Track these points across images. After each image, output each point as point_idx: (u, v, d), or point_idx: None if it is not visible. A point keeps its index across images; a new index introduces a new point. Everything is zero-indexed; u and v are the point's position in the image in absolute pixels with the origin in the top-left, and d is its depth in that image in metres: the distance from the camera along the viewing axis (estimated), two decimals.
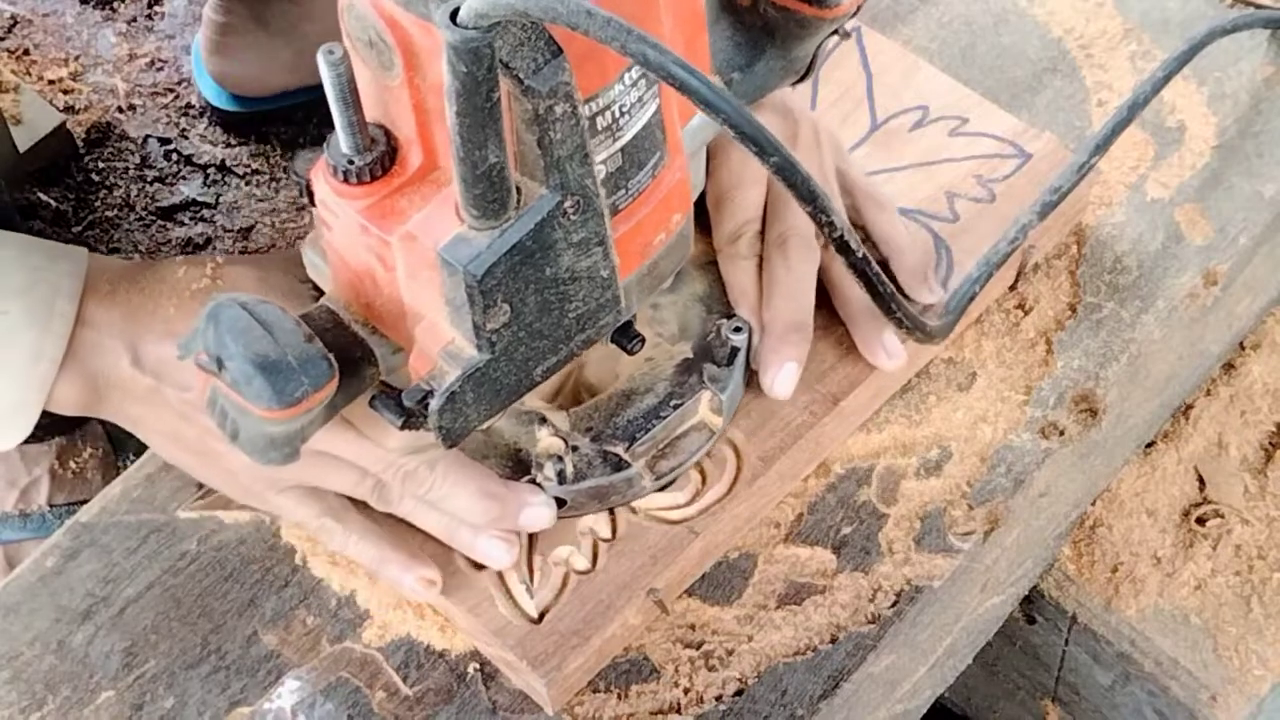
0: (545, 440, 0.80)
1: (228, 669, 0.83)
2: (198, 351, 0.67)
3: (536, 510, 0.79)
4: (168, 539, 0.88)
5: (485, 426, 0.70)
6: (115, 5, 1.76)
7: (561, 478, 0.79)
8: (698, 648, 0.82)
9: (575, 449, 0.80)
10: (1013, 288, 0.95)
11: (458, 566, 0.82)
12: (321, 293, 0.75)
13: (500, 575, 0.81)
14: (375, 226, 0.66)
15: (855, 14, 0.80)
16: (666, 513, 0.83)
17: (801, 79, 0.83)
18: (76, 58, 1.71)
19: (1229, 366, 1.05)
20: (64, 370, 0.80)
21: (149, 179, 1.62)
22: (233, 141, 1.63)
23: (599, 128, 0.64)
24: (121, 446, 1.29)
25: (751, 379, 0.85)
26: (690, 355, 0.83)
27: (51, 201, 1.59)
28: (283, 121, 1.62)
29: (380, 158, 0.66)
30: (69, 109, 1.67)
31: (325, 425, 0.72)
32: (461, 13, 0.55)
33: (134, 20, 1.75)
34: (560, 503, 0.80)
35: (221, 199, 1.60)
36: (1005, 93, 1.04)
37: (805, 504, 0.87)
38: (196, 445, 0.81)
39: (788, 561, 0.85)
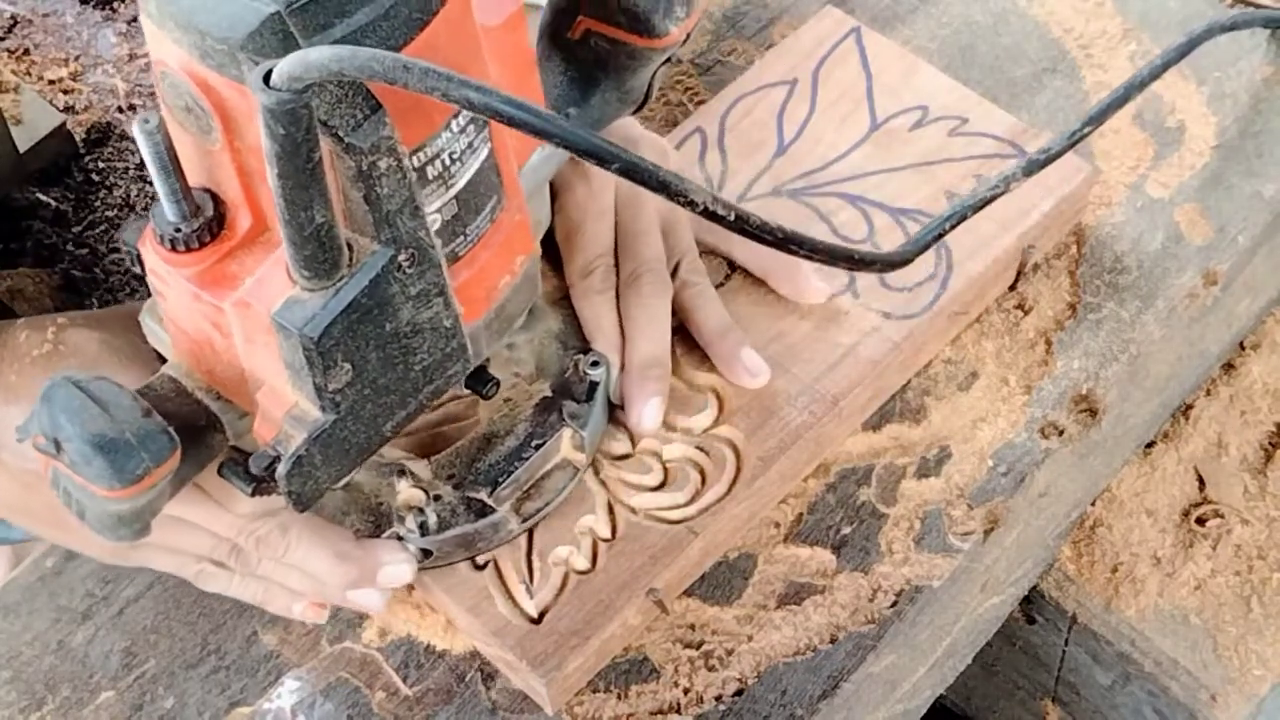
0: (405, 492, 0.79)
1: (228, 669, 0.83)
2: (34, 434, 0.65)
3: (395, 569, 0.78)
4: None
5: (340, 485, 0.70)
6: (115, 5, 1.76)
7: (424, 529, 0.78)
8: (698, 648, 0.82)
9: (438, 498, 0.79)
10: (1013, 288, 0.95)
11: (456, 566, 0.82)
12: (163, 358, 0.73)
13: (500, 575, 0.82)
14: (207, 294, 0.65)
15: (685, 43, 0.79)
16: (666, 513, 0.83)
17: (639, 108, 0.83)
18: (76, 58, 1.71)
19: (1229, 366, 1.05)
20: None
21: (149, 179, 1.62)
22: None
23: (430, 177, 0.63)
24: None
25: (614, 412, 0.85)
26: (549, 393, 0.82)
27: (51, 201, 1.59)
28: None
29: (208, 223, 0.64)
30: (69, 109, 1.67)
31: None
32: (274, 75, 0.53)
33: (134, 20, 1.75)
34: (426, 553, 0.79)
35: None
36: (1005, 93, 1.04)
37: (805, 504, 0.87)
38: (48, 516, 0.79)
39: (788, 561, 0.85)
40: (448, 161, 0.64)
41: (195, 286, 0.65)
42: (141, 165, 1.61)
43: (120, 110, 1.66)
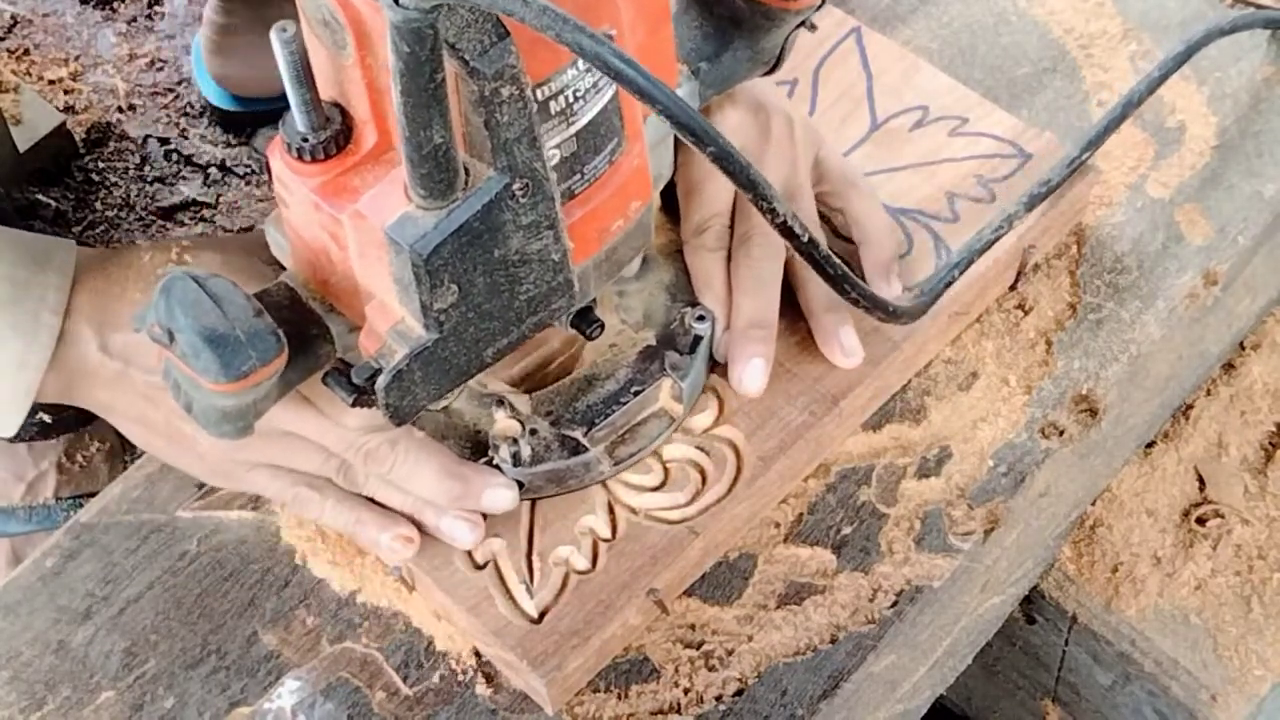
0: (502, 422, 0.81)
1: (228, 669, 0.83)
2: (151, 324, 0.67)
3: (499, 492, 0.79)
4: (168, 539, 0.88)
5: (441, 406, 0.71)
6: (115, 5, 1.76)
7: (517, 460, 0.79)
8: (698, 648, 0.82)
9: (534, 432, 0.80)
10: (1013, 288, 0.95)
11: (456, 566, 0.82)
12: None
13: (500, 575, 0.82)
14: (327, 204, 0.67)
15: (821, 7, 0.80)
16: (666, 513, 0.83)
17: (771, 70, 0.83)
18: (76, 58, 1.71)
19: (1229, 366, 1.05)
20: None
21: (149, 179, 1.62)
22: (233, 141, 1.63)
23: (552, 112, 0.64)
24: (129, 441, 1.29)
25: (715, 369, 0.86)
26: (653, 343, 0.84)
27: (51, 201, 1.59)
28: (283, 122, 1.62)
29: (335, 136, 0.66)
30: (69, 109, 1.67)
31: (286, 403, 0.73)
32: None
33: (134, 20, 1.75)
34: (520, 485, 0.80)
35: (221, 199, 1.60)
36: (1005, 93, 1.04)
37: (805, 504, 0.87)
38: (165, 429, 0.82)
39: (788, 561, 0.85)
40: (571, 98, 0.65)
41: (317, 196, 0.67)
42: (141, 165, 1.62)
43: (120, 110, 1.66)
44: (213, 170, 1.62)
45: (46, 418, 1.21)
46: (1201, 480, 1.01)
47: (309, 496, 0.82)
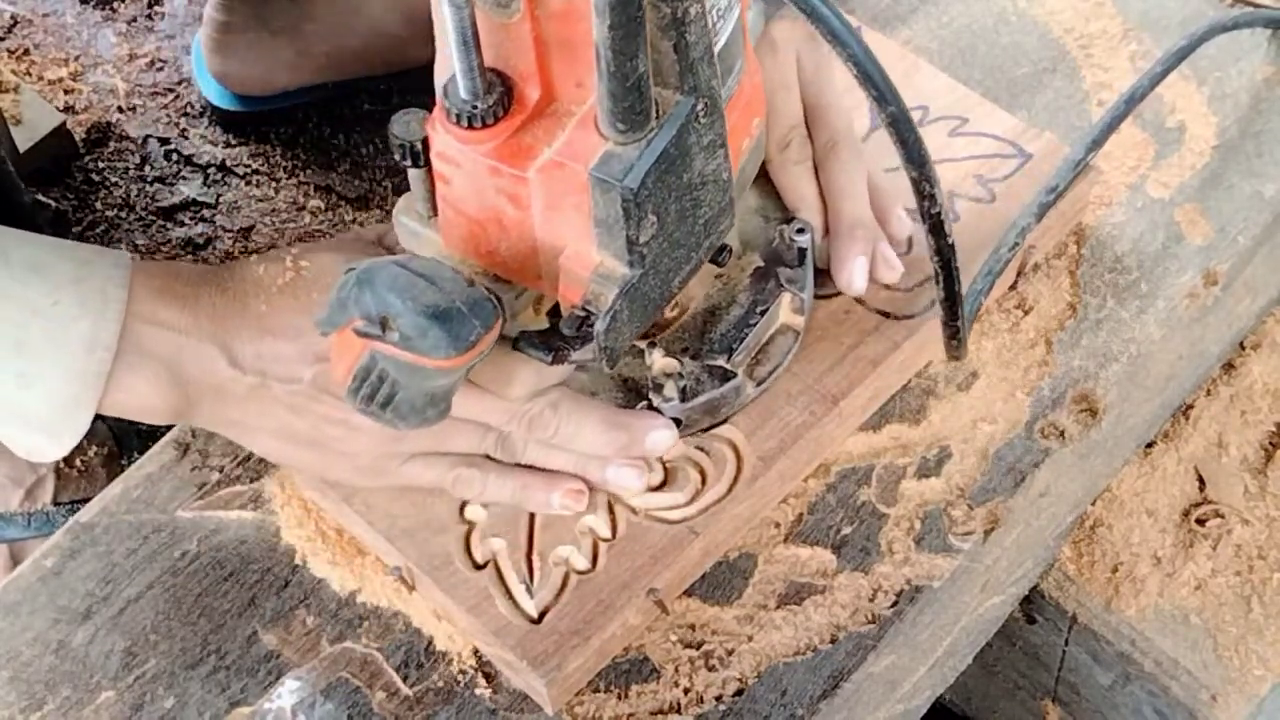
0: (660, 362, 0.82)
1: (228, 669, 0.83)
2: (351, 319, 0.67)
3: (660, 433, 0.81)
4: (168, 539, 0.88)
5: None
6: (115, 5, 1.76)
7: (684, 394, 0.81)
8: (698, 648, 0.82)
9: (683, 369, 0.82)
10: (1013, 288, 0.95)
11: (456, 566, 0.82)
12: None
13: (500, 575, 0.82)
14: (508, 166, 0.67)
15: None
16: (666, 513, 0.83)
17: None
18: (76, 58, 1.71)
19: (1229, 366, 1.05)
20: (148, 376, 0.78)
21: (149, 179, 1.62)
22: (233, 141, 1.63)
23: None
24: (126, 444, 1.29)
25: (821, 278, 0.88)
26: (761, 264, 0.86)
27: (51, 202, 1.59)
28: (283, 121, 1.62)
29: (500, 99, 0.67)
30: (69, 109, 1.66)
31: None
32: None
33: (134, 20, 1.75)
34: (676, 423, 0.82)
35: (221, 199, 1.60)
36: (1005, 93, 1.04)
37: (805, 504, 0.87)
38: (310, 435, 0.81)
39: (788, 561, 0.85)
40: (715, 18, 0.67)
41: (494, 160, 0.67)
42: (141, 165, 1.61)
43: (120, 110, 1.66)
44: (212, 170, 1.62)
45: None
46: (1201, 480, 1.01)
47: (470, 475, 0.82)
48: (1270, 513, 0.99)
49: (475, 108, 0.66)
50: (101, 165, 1.63)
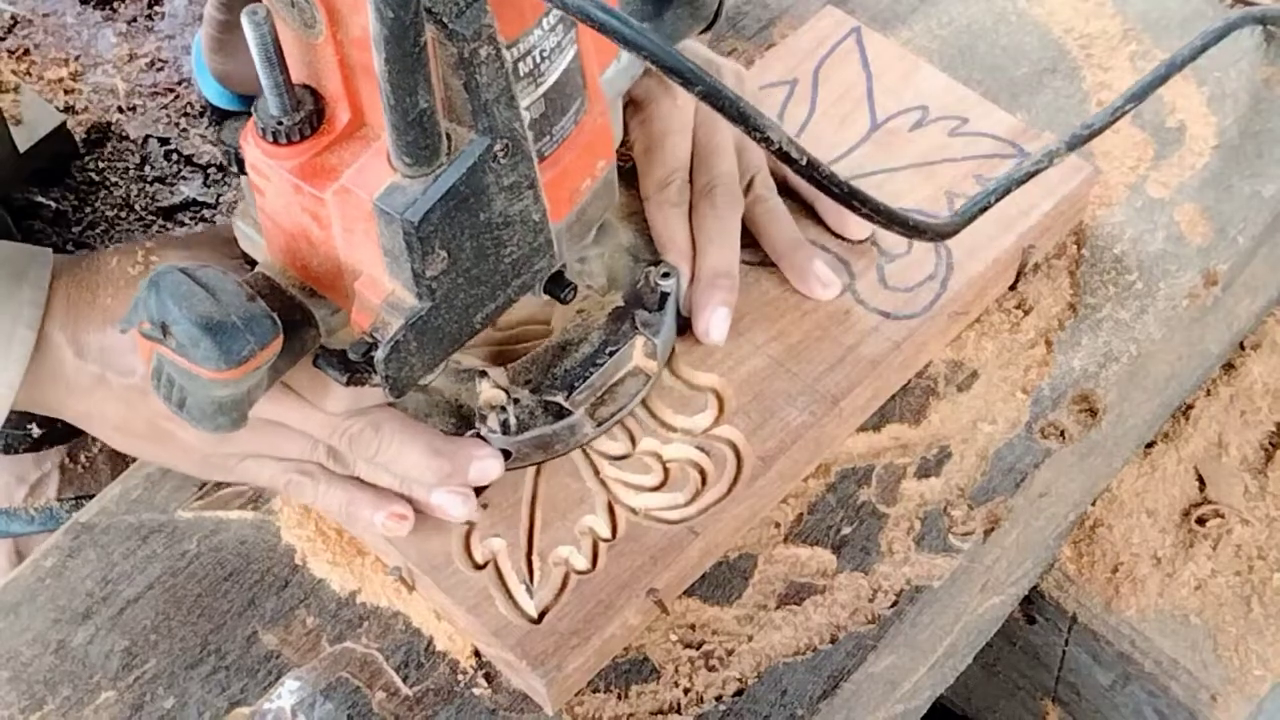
0: (487, 392, 0.81)
1: (228, 669, 0.83)
2: (140, 321, 0.67)
3: (486, 463, 0.80)
4: (168, 539, 0.88)
5: (427, 381, 0.72)
6: (115, 5, 1.76)
7: (505, 428, 0.80)
8: (698, 648, 0.82)
9: (516, 401, 0.81)
10: (1013, 288, 0.95)
11: (456, 566, 0.82)
12: (254, 267, 0.75)
13: (500, 575, 0.82)
14: (308, 185, 0.67)
15: None
16: (666, 513, 0.83)
17: (708, 27, 0.84)
18: (76, 58, 1.71)
19: (1229, 366, 1.05)
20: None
21: (149, 179, 1.62)
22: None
23: (521, 73, 0.65)
24: None
25: (684, 325, 0.87)
26: (621, 304, 0.85)
27: (51, 202, 1.59)
28: None
29: (308, 117, 0.67)
30: (69, 109, 1.67)
31: (269, 393, 0.73)
32: None
33: (134, 20, 1.75)
34: (506, 455, 0.81)
35: (221, 199, 1.60)
36: (1005, 93, 1.04)
37: (805, 504, 0.87)
38: (147, 430, 0.82)
39: (788, 561, 0.85)
40: (538, 59, 0.66)
41: (296, 178, 0.67)
42: (141, 165, 1.61)
43: (120, 110, 1.66)
44: (212, 170, 1.62)
45: (36, 431, 1.21)
46: (1201, 480, 1.01)
47: (301, 482, 0.82)
48: (1270, 513, 0.99)
49: (280, 124, 0.66)
50: (101, 165, 1.63)
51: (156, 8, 1.75)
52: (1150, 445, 1.03)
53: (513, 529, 0.83)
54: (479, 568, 0.82)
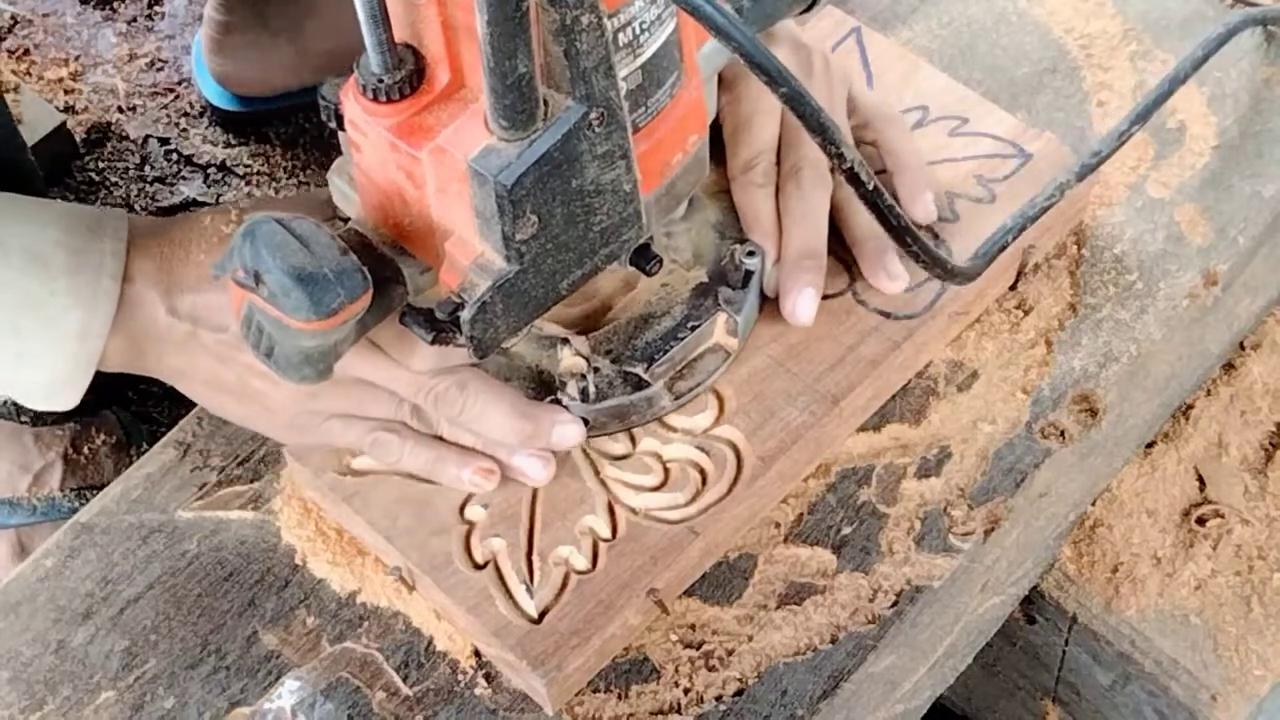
0: (568, 360, 0.82)
1: (228, 669, 0.83)
2: (234, 268, 0.68)
3: (567, 428, 0.81)
4: (168, 539, 0.88)
5: (510, 345, 0.72)
6: (115, 5, 1.76)
7: (585, 396, 0.81)
8: (698, 648, 0.82)
9: (596, 370, 0.82)
10: (1013, 288, 0.95)
11: (456, 566, 0.82)
12: (346, 224, 0.76)
13: (500, 575, 0.82)
14: (405, 143, 0.68)
15: None
16: (666, 513, 0.83)
17: (808, 9, 0.85)
18: (76, 58, 1.71)
19: (1229, 366, 1.05)
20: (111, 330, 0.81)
21: (149, 179, 1.62)
22: (233, 141, 1.63)
23: (620, 43, 0.66)
24: (135, 435, 1.29)
25: (766, 305, 0.87)
26: (705, 280, 0.85)
27: None
28: (283, 121, 1.62)
29: (409, 76, 0.67)
30: (69, 109, 1.66)
31: (356, 350, 0.74)
32: None
33: (134, 20, 1.75)
34: (584, 423, 0.82)
35: (221, 199, 1.60)
36: (1005, 93, 1.04)
37: (805, 504, 0.87)
38: (236, 387, 0.83)
39: (788, 561, 0.85)
40: (638, 30, 0.67)
41: (393, 136, 0.68)
42: (141, 165, 1.61)
43: (120, 110, 1.66)
44: (212, 170, 1.62)
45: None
46: (1201, 480, 1.01)
47: (387, 440, 0.83)
48: (1270, 513, 0.99)
49: (381, 81, 0.67)
50: (101, 165, 1.63)
51: (156, 8, 1.75)
52: (1150, 445, 1.03)
53: (513, 529, 0.83)
54: (479, 568, 0.82)
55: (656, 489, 0.84)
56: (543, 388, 0.83)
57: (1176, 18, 1.07)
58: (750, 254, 0.85)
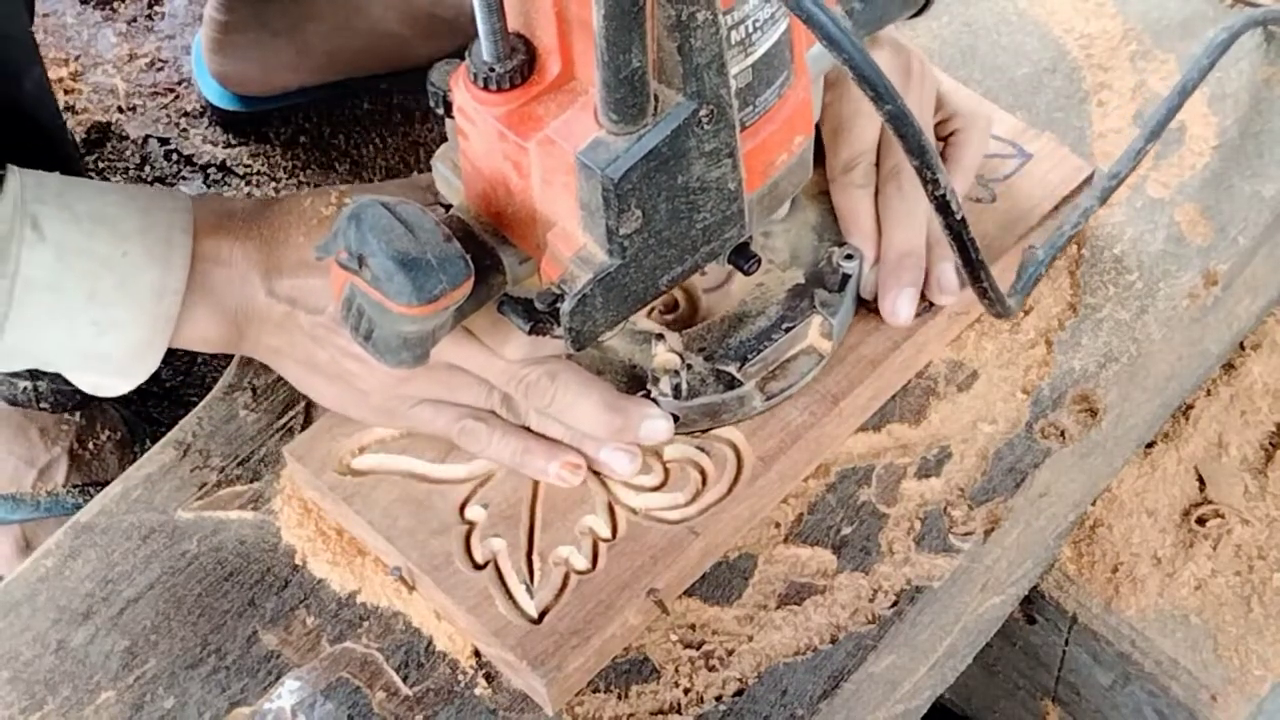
0: (662, 355, 0.82)
1: (228, 669, 0.83)
2: (338, 250, 0.68)
3: (656, 424, 0.81)
4: (168, 539, 0.88)
5: (607, 338, 0.73)
6: (115, 5, 1.76)
7: (677, 392, 0.81)
8: (698, 648, 0.82)
9: (690, 367, 0.82)
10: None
11: (456, 566, 0.82)
12: (448, 210, 0.76)
13: (500, 575, 0.82)
14: (513, 132, 0.68)
15: None
16: (666, 513, 0.83)
17: (919, 12, 0.85)
18: (76, 58, 1.71)
19: (1229, 366, 1.05)
20: (205, 309, 0.81)
21: (149, 179, 1.62)
22: (233, 141, 1.63)
23: (733, 41, 0.66)
24: (138, 432, 1.29)
25: (861, 307, 0.87)
26: (802, 281, 0.86)
27: None
28: (283, 121, 1.62)
29: (520, 66, 0.67)
30: (69, 109, 1.66)
31: (450, 336, 0.74)
32: None
33: (134, 20, 1.75)
34: (674, 419, 0.82)
35: None
36: (1005, 93, 1.04)
37: (805, 504, 0.87)
38: (330, 368, 0.83)
39: (788, 561, 0.85)
40: (750, 28, 0.67)
41: (502, 125, 0.68)
42: (141, 165, 1.61)
43: (120, 110, 1.66)
44: (212, 170, 1.62)
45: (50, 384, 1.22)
46: (1201, 480, 1.01)
47: (475, 428, 0.83)
48: (1270, 513, 0.99)
49: (493, 70, 0.67)
50: (101, 165, 1.63)
51: (156, 8, 1.75)
52: (1150, 445, 1.03)
53: (513, 529, 0.83)
54: (479, 568, 0.82)
55: (656, 489, 0.84)
56: (634, 382, 0.83)
57: (1176, 18, 1.07)
58: (848, 257, 0.85)
